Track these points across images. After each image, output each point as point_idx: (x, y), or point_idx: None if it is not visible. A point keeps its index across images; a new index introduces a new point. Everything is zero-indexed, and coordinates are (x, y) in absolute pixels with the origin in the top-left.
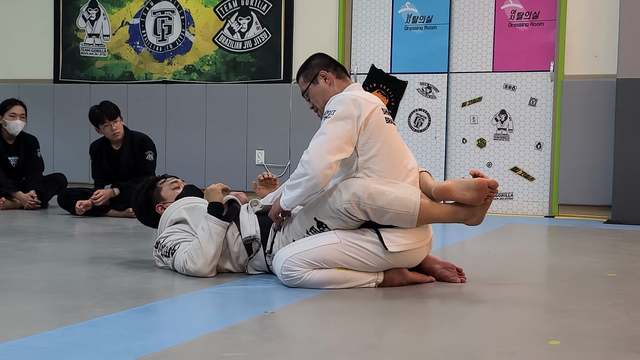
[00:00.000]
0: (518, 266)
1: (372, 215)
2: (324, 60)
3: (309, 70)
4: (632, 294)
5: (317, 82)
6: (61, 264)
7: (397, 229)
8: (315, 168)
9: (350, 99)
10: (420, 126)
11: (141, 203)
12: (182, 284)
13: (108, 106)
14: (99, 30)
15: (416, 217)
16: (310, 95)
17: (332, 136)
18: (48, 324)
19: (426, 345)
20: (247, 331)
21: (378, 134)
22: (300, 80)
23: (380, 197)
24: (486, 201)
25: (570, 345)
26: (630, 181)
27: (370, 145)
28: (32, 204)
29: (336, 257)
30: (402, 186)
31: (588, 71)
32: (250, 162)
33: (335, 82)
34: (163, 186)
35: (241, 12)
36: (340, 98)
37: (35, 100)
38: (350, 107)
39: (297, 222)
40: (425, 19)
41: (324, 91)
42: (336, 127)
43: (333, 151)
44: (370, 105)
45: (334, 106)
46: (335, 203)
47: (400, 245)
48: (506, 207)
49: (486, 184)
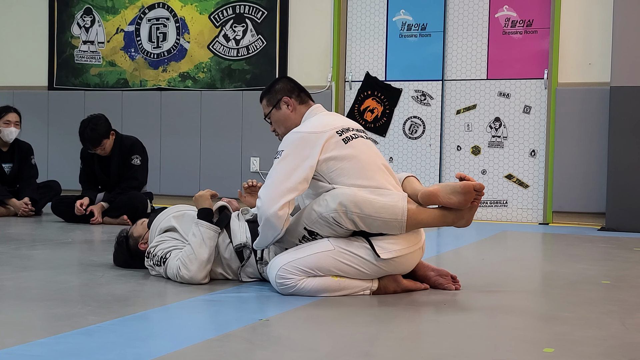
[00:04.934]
0: (512, 273)
1: (360, 224)
2: (288, 85)
3: (272, 94)
4: (626, 302)
5: (279, 107)
6: (55, 271)
7: (387, 236)
8: (267, 212)
9: (300, 138)
10: (415, 133)
11: (127, 257)
12: (176, 291)
13: (94, 132)
14: (93, 37)
15: (405, 224)
16: (273, 120)
17: (281, 178)
18: (41, 331)
19: (420, 352)
20: (241, 339)
21: (340, 159)
22: (263, 103)
23: (368, 205)
24: (473, 204)
25: (565, 353)
26: (624, 189)
27: (337, 172)
28: (26, 211)
29: (330, 264)
30: (389, 193)
31: (582, 79)
32: (245, 169)
33: (297, 108)
34: (134, 230)
35: (236, 19)
36: (291, 138)
37: (30, 107)
38: (299, 147)
39: (287, 233)
40: (419, 27)
41: (285, 117)
42: (284, 168)
43: (283, 193)
44: (322, 136)
45: (283, 146)
46: (323, 212)
47: (392, 251)
48: (500, 215)
49: (472, 187)
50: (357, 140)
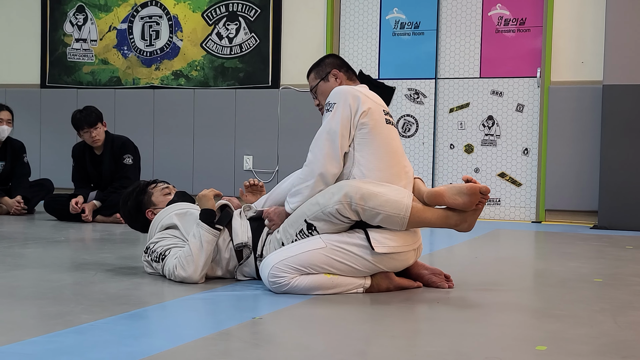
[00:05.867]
0: (505, 272)
1: (362, 216)
2: (337, 60)
3: (322, 67)
4: (619, 300)
5: (327, 79)
6: (47, 270)
7: (385, 231)
8: (320, 168)
9: (350, 92)
10: (408, 132)
11: (131, 207)
12: (170, 290)
13: (89, 112)
14: (86, 35)
15: (407, 220)
16: (319, 92)
17: (333, 132)
18: (34, 330)
19: (414, 350)
20: (236, 337)
21: (376, 132)
22: (311, 76)
23: (373, 198)
24: (477, 207)
25: (557, 351)
26: (617, 187)
27: (367, 141)
28: (19, 209)
29: (322, 261)
30: (395, 189)
31: (574, 77)
32: (238, 167)
33: (344, 82)
34: (154, 191)
35: (229, 17)
36: (340, 90)
37: (22, 105)
38: (349, 100)
39: (288, 224)
40: (413, 25)
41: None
42: (336, 121)
43: (336, 149)
44: (369, 102)
45: (334, 98)
46: (328, 205)
47: (387, 247)
48: (493, 213)
49: (478, 190)
50: (394, 128)
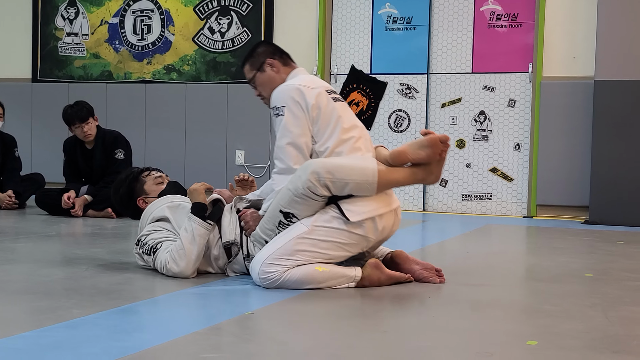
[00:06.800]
0: (496, 266)
1: (333, 189)
2: (269, 47)
3: (256, 58)
4: (609, 294)
5: (263, 70)
6: (38, 264)
7: (357, 199)
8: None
9: (292, 90)
10: (400, 127)
11: (123, 194)
12: (161, 284)
13: (80, 107)
14: (77, 29)
15: (376, 184)
16: (258, 83)
17: (295, 136)
18: (25, 325)
19: (404, 345)
20: (227, 332)
21: (327, 117)
22: (246, 68)
23: (339, 169)
24: (441, 156)
25: (548, 346)
26: (608, 182)
27: (321, 128)
28: (10, 203)
29: (309, 245)
30: (358, 157)
31: (566, 73)
32: (230, 162)
33: (281, 69)
34: (147, 179)
35: (221, 11)
36: (281, 91)
37: (13, 99)
38: (295, 98)
39: (265, 221)
40: (405, 20)
41: (271, 79)
42: (292, 124)
43: (302, 152)
44: (312, 92)
45: (279, 102)
46: (297, 187)
47: (361, 213)
48: (485, 208)
49: (437, 139)
50: (342, 103)
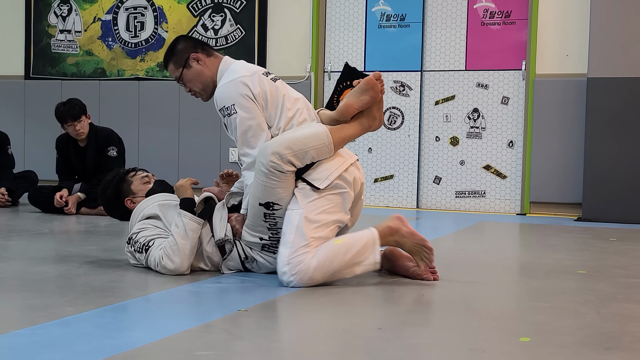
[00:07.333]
0: (490, 264)
1: (296, 162)
2: (189, 42)
3: (178, 55)
4: (602, 291)
5: (189, 66)
6: (32, 262)
7: (318, 167)
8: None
9: (237, 85)
10: (394, 124)
11: (110, 195)
12: (155, 282)
13: (72, 105)
14: (70, 26)
15: (332, 144)
16: (186, 80)
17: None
18: (18, 322)
19: (398, 342)
20: (220, 329)
21: (275, 100)
22: (170, 67)
23: (295, 142)
24: (382, 94)
25: (541, 342)
26: (601, 179)
27: (273, 114)
28: (3, 201)
29: (314, 221)
30: (306, 125)
31: (559, 70)
32: (224, 159)
33: (207, 61)
34: (134, 180)
35: (215, 9)
36: (226, 90)
37: (6, 96)
38: (242, 92)
39: (251, 221)
40: (398, 17)
41: (199, 73)
42: (247, 116)
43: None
44: (253, 80)
45: (227, 101)
46: (264, 173)
47: (328, 178)
48: (478, 205)
49: (373, 79)
50: (279, 81)
